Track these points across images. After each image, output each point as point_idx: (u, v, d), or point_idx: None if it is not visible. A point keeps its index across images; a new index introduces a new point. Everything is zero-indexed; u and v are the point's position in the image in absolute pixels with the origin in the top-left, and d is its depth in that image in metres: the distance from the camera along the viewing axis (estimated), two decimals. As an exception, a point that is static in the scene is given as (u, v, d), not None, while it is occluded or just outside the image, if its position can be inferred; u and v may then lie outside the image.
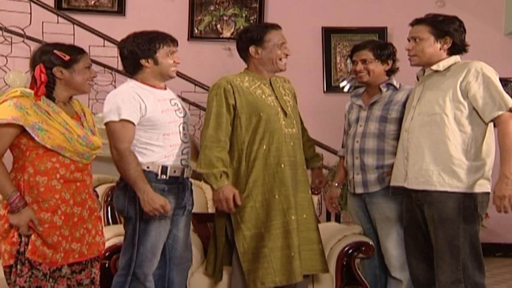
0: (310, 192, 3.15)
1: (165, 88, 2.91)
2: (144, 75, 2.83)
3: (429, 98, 2.89)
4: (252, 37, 3.03)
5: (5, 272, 2.53)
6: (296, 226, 2.96)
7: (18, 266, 2.47)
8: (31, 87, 2.54)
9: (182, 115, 2.89)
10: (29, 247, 2.46)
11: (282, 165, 2.98)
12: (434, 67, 2.92)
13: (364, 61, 3.30)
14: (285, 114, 3.03)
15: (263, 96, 3.02)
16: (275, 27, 3.07)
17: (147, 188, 2.69)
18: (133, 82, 2.83)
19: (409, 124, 2.95)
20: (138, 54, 2.79)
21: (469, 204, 2.80)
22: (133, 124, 2.74)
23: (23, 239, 2.47)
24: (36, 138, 2.45)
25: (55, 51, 2.55)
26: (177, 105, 2.91)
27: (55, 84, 2.56)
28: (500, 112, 2.76)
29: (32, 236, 2.47)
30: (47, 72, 2.52)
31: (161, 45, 2.80)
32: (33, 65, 2.55)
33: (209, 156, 2.92)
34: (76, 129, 2.54)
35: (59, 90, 2.58)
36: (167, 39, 2.83)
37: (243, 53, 3.09)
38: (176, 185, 2.83)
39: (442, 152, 2.83)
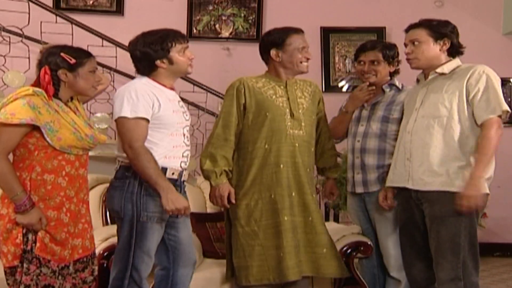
0: (315, 195, 3.11)
1: (173, 89, 2.84)
2: (159, 74, 2.75)
3: (434, 101, 2.89)
4: (273, 41, 3.05)
5: (5, 272, 2.52)
6: (289, 227, 2.96)
7: (25, 265, 2.45)
8: (34, 86, 2.54)
9: (187, 117, 2.87)
10: (38, 244, 2.46)
11: (281, 165, 2.98)
12: (439, 70, 2.92)
13: (372, 62, 3.30)
14: (292, 115, 3.02)
15: (274, 97, 3.03)
16: (298, 31, 3.07)
17: (170, 186, 2.63)
18: (145, 79, 2.75)
19: (412, 126, 2.94)
20: (152, 55, 2.70)
21: None
22: (147, 121, 2.66)
23: (29, 237, 2.47)
24: (47, 138, 2.45)
25: (61, 53, 2.55)
26: (184, 107, 2.88)
27: (59, 85, 2.57)
28: (491, 116, 2.78)
29: (40, 234, 2.47)
30: (51, 74, 2.52)
31: (173, 43, 2.71)
32: (39, 66, 2.56)
33: (215, 154, 2.99)
34: (84, 129, 2.57)
35: (63, 92, 2.59)
36: (178, 36, 2.74)
37: (265, 56, 3.10)
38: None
39: (448, 153, 2.84)
